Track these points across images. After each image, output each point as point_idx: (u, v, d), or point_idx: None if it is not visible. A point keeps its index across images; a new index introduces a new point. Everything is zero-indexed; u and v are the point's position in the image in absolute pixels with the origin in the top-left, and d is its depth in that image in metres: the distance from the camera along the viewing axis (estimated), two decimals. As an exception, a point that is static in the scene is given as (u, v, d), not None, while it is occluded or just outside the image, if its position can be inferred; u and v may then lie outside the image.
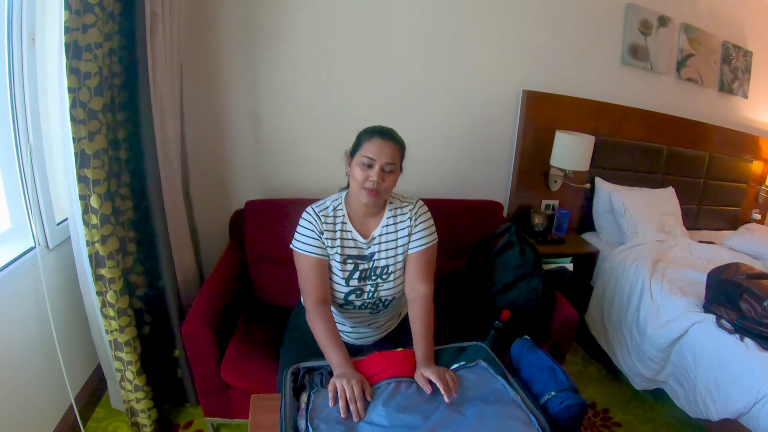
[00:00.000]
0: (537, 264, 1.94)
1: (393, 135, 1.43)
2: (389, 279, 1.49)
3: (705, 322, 1.93)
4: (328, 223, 1.46)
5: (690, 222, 2.98)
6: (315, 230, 1.44)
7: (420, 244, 1.49)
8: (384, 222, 1.49)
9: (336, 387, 1.13)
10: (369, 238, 1.49)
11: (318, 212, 1.47)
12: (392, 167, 1.40)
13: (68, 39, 1.35)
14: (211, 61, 2.21)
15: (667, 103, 2.87)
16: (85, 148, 1.45)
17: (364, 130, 1.45)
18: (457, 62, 2.43)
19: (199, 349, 1.66)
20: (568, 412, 1.14)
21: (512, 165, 2.70)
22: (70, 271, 1.77)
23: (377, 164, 1.37)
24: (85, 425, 1.88)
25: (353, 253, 1.48)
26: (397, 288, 1.51)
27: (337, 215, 1.48)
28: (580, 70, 2.63)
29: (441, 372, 1.21)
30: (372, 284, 1.49)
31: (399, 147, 1.43)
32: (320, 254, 1.44)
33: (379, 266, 1.49)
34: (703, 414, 1.86)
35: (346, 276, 1.47)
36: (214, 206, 2.41)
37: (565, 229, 2.72)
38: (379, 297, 1.51)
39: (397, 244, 1.49)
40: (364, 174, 1.38)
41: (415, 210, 1.51)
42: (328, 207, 1.49)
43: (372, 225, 1.50)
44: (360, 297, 1.49)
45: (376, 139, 1.39)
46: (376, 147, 1.38)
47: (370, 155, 1.37)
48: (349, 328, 1.60)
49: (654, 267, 2.33)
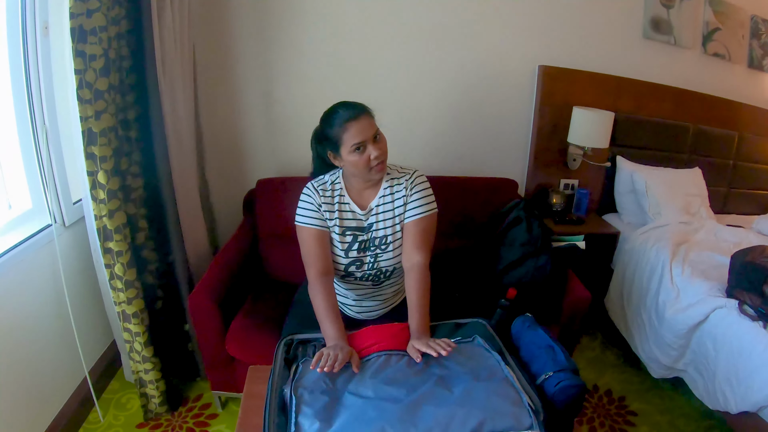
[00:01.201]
0: (545, 241, 1.88)
1: (359, 107, 1.40)
2: (388, 249, 1.50)
3: (727, 307, 1.84)
4: (326, 197, 1.48)
5: (718, 205, 2.84)
6: (314, 203, 1.47)
7: (415, 214, 1.47)
8: (381, 193, 1.50)
9: (322, 353, 1.14)
10: (367, 209, 1.50)
11: (317, 186, 1.49)
12: (377, 132, 1.40)
13: (73, 24, 1.41)
14: (224, 43, 2.25)
15: (693, 79, 2.73)
16: (92, 127, 1.52)
17: (327, 123, 1.43)
18: (471, 38, 2.39)
19: (204, 321, 1.71)
20: (564, 393, 1.09)
21: (529, 143, 2.64)
22: (85, 248, 1.85)
23: (368, 142, 1.37)
24: (99, 397, 1.97)
25: (352, 225, 1.50)
26: (397, 258, 1.52)
27: (335, 188, 1.50)
28: (598, 44, 2.53)
29: (431, 341, 1.21)
30: (371, 255, 1.50)
31: (369, 112, 1.41)
32: (320, 225, 1.47)
33: (377, 237, 1.50)
34: (722, 406, 1.78)
35: (346, 247, 1.49)
36: (229, 185, 2.47)
37: (585, 209, 2.65)
38: (380, 268, 1.52)
39: (394, 214, 1.50)
40: (363, 157, 1.38)
41: (411, 180, 1.50)
42: (326, 181, 1.51)
43: (370, 196, 1.51)
44: (360, 268, 1.51)
45: (351, 123, 1.36)
46: (356, 130, 1.36)
47: (357, 141, 1.36)
48: (352, 301, 1.62)
49: (676, 249, 2.24)
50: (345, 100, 1.43)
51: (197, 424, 1.92)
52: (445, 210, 1.60)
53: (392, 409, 1.00)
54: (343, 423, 0.96)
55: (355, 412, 0.99)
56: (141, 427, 1.89)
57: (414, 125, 2.48)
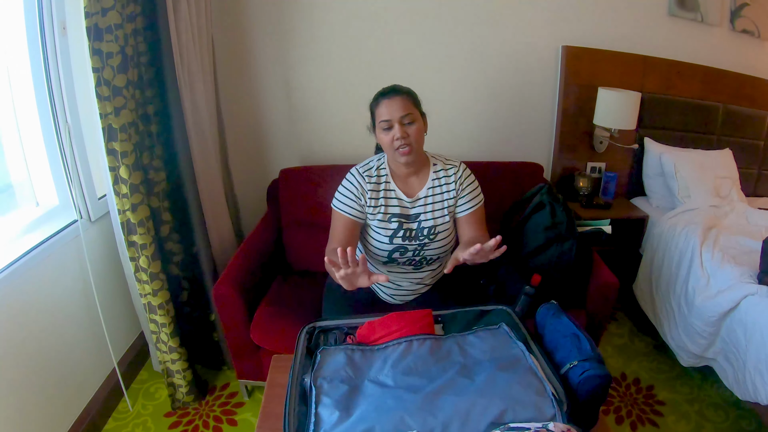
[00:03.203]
0: (570, 225, 1.83)
1: (396, 89, 1.46)
2: (437, 239, 1.54)
3: (758, 294, 1.76)
4: (371, 182, 1.51)
5: (749, 188, 2.72)
6: (356, 191, 1.50)
7: (468, 207, 1.54)
8: (429, 183, 1.54)
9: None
10: (414, 197, 1.53)
11: (362, 172, 1.53)
12: (410, 117, 1.42)
13: (89, 23, 1.44)
14: (242, 33, 2.27)
15: (721, 57, 2.62)
16: (111, 123, 1.54)
17: (373, 97, 1.49)
18: (492, 18, 2.35)
19: (228, 311, 1.74)
20: (589, 383, 1.05)
21: (554, 125, 2.59)
22: (111, 242, 1.89)
23: (395, 122, 1.41)
24: (128, 387, 2.02)
25: (396, 212, 1.52)
26: (445, 248, 1.57)
27: (381, 174, 1.53)
28: (622, 22, 2.45)
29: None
30: (419, 244, 1.53)
31: (408, 96, 1.45)
32: (355, 216, 1.51)
33: (426, 227, 1.53)
34: (752, 396, 1.72)
35: (390, 234, 1.52)
36: (253, 175, 2.51)
37: (612, 193, 2.59)
38: (425, 256, 1.56)
39: (444, 205, 1.54)
40: (388, 137, 1.43)
41: (460, 174, 1.55)
42: (372, 167, 1.54)
43: (416, 185, 1.55)
44: (404, 255, 1.54)
45: (383, 100, 1.43)
46: (385, 108, 1.42)
47: (384, 118, 1.42)
48: (386, 284, 1.64)
49: (706, 234, 2.16)
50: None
51: (224, 412, 1.96)
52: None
53: (412, 399, 0.99)
54: (362, 413, 0.96)
55: (375, 401, 0.99)
56: (169, 416, 1.93)
57: (436, 108, 2.41)
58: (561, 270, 1.82)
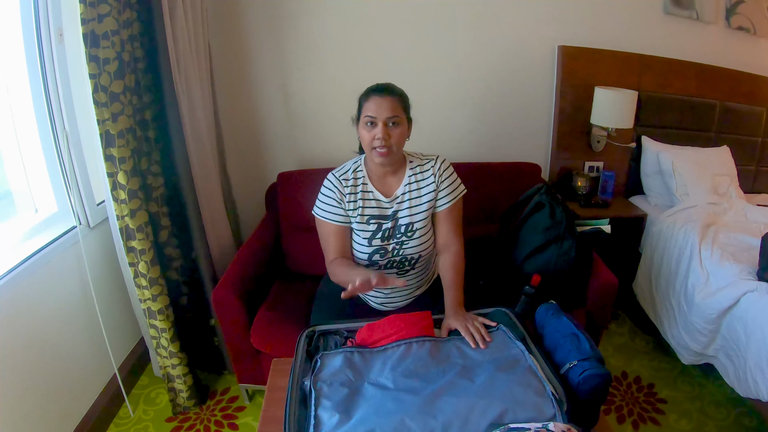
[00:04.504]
0: (569, 225, 1.83)
1: (389, 88, 1.43)
2: (414, 236, 1.51)
3: (758, 290, 1.76)
4: (348, 185, 1.49)
5: (747, 184, 2.73)
6: (335, 196, 1.48)
7: (447, 201, 1.51)
8: (406, 180, 1.51)
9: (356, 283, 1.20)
10: (392, 197, 1.51)
11: (339, 177, 1.50)
12: (395, 119, 1.39)
13: (85, 29, 1.43)
14: (239, 39, 2.27)
15: (717, 54, 2.63)
16: (109, 129, 1.54)
17: (363, 91, 1.46)
18: (488, 20, 2.36)
19: (228, 315, 1.74)
20: (588, 383, 1.06)
21: (551, 125, 2.60)
22: (110, 247, 1.89)
23: (379, 121, 1.38)
24: (129, 392, 2.02)
25: (375, 213, 1.50)
26: (423, 246, 1.53)
27: (358, 176, 1.51)
28: (618, 21, 2.46)
29: (469, 321, 1.25)
30: (396, 242, 1.51)
31: (398, 98, 1.42)
32: (340, 221, 1.49)
33: (403, 224, 1.50)
34: (753, 393, 1.72)
35: (369, 236, 1.50)
36: (251, 180, 2.51)
37: (611, 192, 2.60)
38: (405, 255, 1.53)
39: (422, 201, 1.51)
40: (369, 134, 1.39)
41: (438, 166, 1.52)
42: (348, 170, 1.52)
43: (393, 184, 1.52)
44: (384, 256, 1.52)
45: (373, 96, 1.40)
46: (374, 104, 1.39)
47: (370, 114, 1.39)
48: (375, 290, 1.61)
49: (705, 231, 2.17)
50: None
51: (225, 417, 1.96)
52: (468, 197, 1.59)
53: (412, 401, 0.99)
54: (362, 415, 0.96)
55: (375, 404, 0.99)
56: (170, 420, 1.93)
57: (432, 111, 2.45)
58: (561, 270, 1.82)
